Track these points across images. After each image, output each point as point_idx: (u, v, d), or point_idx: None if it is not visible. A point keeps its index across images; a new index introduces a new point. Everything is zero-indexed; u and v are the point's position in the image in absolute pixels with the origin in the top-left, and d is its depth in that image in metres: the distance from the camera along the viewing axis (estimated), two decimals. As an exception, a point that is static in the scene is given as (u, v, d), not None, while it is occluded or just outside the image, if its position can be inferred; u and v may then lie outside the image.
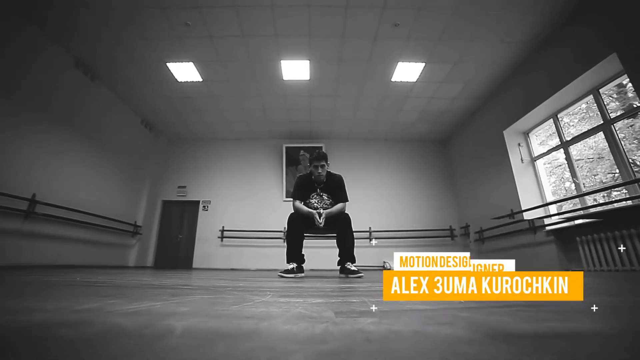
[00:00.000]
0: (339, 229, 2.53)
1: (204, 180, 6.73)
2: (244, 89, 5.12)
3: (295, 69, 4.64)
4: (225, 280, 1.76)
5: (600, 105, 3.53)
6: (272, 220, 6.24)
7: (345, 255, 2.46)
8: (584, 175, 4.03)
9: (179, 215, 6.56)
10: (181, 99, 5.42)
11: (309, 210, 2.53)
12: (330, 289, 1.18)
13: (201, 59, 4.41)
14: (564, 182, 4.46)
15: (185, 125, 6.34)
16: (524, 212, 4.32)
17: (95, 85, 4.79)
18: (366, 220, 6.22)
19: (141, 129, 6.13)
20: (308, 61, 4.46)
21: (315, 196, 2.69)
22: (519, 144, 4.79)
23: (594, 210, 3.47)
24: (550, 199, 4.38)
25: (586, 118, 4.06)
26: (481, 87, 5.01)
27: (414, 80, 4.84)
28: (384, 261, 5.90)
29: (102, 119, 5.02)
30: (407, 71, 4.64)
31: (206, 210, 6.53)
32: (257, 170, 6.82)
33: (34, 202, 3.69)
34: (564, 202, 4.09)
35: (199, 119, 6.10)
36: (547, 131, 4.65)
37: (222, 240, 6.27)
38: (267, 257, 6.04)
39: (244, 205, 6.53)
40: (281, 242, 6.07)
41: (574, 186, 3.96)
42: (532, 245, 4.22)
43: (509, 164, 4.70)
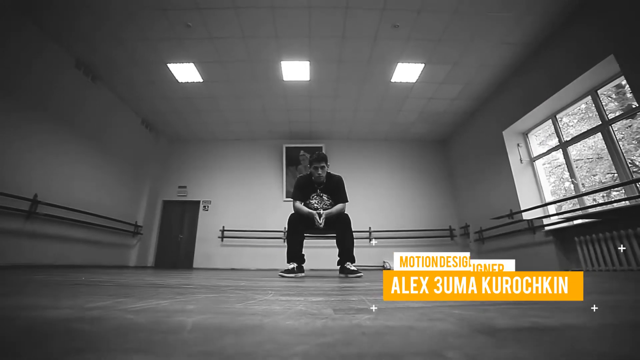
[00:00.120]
0: (339, 229, 2.56)
1: (204, 181, 6.76)
2: (245, 89, 5.15)
3: (296, 70, 4.66)
4: (227, 279, 1.79)
5: (599, 106, 3.55)
6: (273, 220, 6.27)
7: (345, 255, 2.50)
8: (583, 175, 4.05)
9: (180, 215, 6.59)
10: (182, 100, 5.44)
11: (309, 210, 2.57)
12: (329, 288, 1.21)
13: (202, 59, 4.43)
14: (563, 182, 4.48)
15: (186, 125, 6.37)
16: (523, 212, 4.35)
17: (96, 85, 4.81)
18: (366, 220, 6.25)
19: (142, 129, 6.15)
20: (308, 62, 4.48)
21: (315, 197, 2.72)
22: (518, 144, 4.82)
23: (592, 210, 3.49)
24: (549, 199, 4.40)
25: (585, 118, 4.07)
26: (481, 88, 5.03)
27: (414, 80, 4.86)
28: (383, 261, 5.92)
29: (103, 119, 5.04)
30: (407, 72, 4.67)
31: (206, 210, 6.56)
32: (258, 170, 6.85)
33: (36, 202, 3.71)
34: (563, 202, 4.11)
35: (200, 119, 6.12)
36: (546, 131, 4.67)
37: (222, 240, 6.30)
38: (268, 257, 6.07)
39: (244, 205, 6.56)
40: (281, 242, 6.10)
41: (573, 186, 3.98)
42: (531, 246, 4.25)
43: (509, 164, 4.73)
